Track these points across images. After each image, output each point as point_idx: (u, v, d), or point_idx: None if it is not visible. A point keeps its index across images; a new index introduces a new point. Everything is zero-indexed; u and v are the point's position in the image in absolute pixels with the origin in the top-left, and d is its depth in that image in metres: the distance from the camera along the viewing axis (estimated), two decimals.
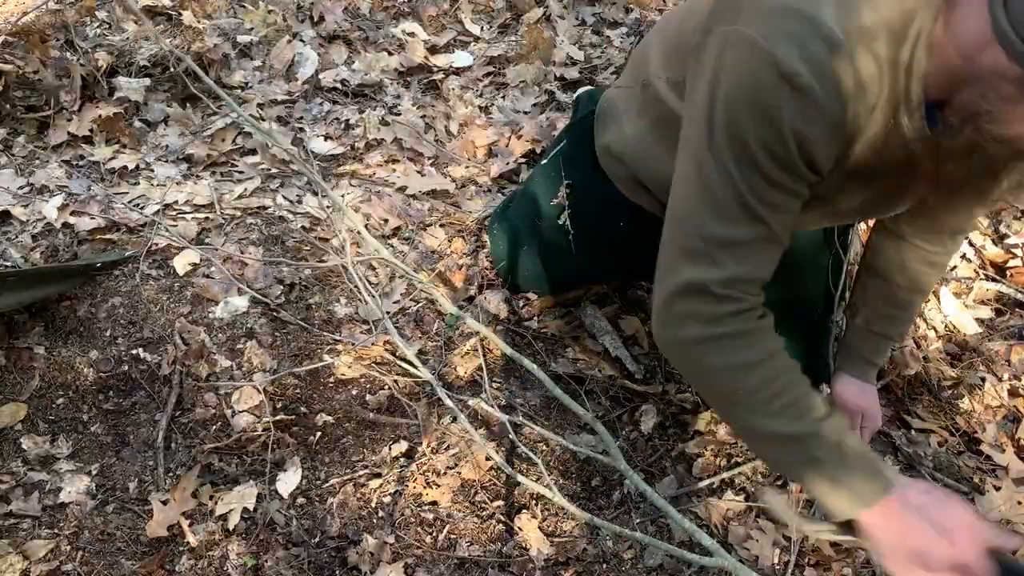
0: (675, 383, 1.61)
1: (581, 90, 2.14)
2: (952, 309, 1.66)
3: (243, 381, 1.56)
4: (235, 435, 1.47)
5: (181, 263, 1.75)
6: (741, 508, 1.39)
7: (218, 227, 1.87)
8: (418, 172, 2.07)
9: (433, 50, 2.60)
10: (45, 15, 2.33)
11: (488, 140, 2.19)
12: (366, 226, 1.90)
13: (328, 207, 1.79)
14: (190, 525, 1.35)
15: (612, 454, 1.23)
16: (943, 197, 1.06)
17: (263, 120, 2.16)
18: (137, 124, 2.18)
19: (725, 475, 1.42)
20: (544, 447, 1.50)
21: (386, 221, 1.92)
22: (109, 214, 1.88)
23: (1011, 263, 1.78)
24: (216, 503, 1.38)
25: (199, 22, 2.44)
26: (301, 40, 2.54)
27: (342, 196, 1.99)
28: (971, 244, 1.84)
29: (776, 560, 1.30)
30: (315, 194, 1.87)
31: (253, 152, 2.12)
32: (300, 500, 1.41)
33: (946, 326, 1.65)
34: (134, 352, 1.58)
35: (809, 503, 1.38)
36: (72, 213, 1.85)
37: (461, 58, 2.57)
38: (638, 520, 1.40)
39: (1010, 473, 1.42)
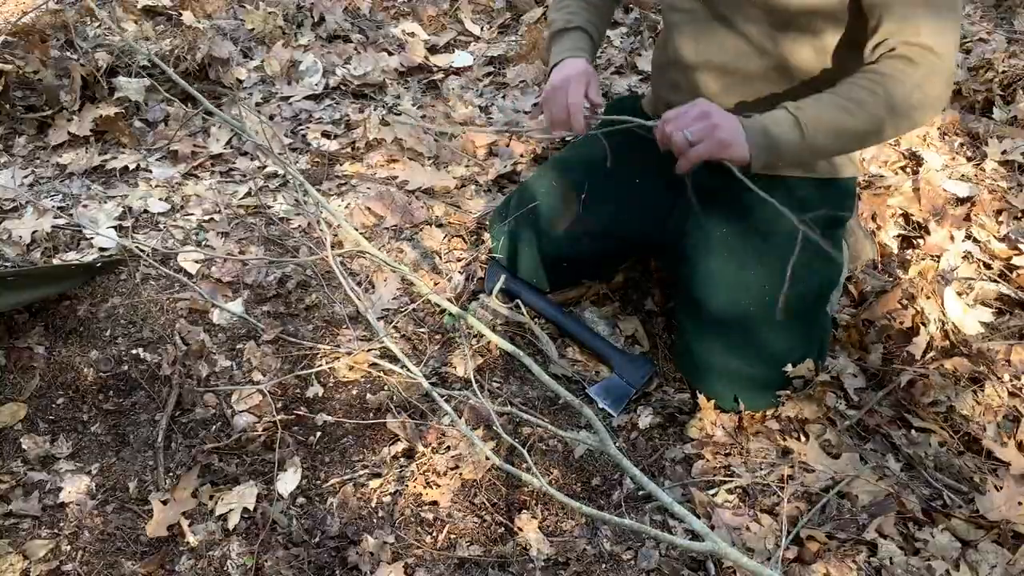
0: (674, 383, 1.61)
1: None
2: (955, 309, 1.67)
3: (243, 381, 1.56)
4: (235, 435, 1.47)
5: (182, 263, 1.75)
6: (736, 503, 1.40)
7: (218, 227, 1.87)
8: (419, 171, 2.07)
9: (433, 50, 2.60)
10: (45, 15, 2.33)
11: (488, 140, 2.19)
12: (366, 229, 1.90)
13: (306, 201, 1.79)
14: (190, 525, 1.35)
15: (601, 436, 1.23)
16: None
17: (258, 118, 2.16)
18: (137, 124, 2.19)
19: (725, 487, 1.42)
20: (544, 446, 1.50)
21: (383, 219, 1.93)
22: (109, 214, 1.88)
23: (1015, 259, 1.78)
24: (216, 503, 1.38)
25: (199, 22, 2.44)
26: (301, 42, 2.55)
27: (342, 196, 1.99)
28: (975, 240, 1.84)
29: (770, 549, 1.31)
30: (306, 193, 1.87)
31: (247, 154, 2.12)
32: (300, 500, 1.40)
33: (947, 326, 1.65)
34: (134, 352, 1.58)
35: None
36: (71, 213, 1.85)
37: (461, 58, 2.57)
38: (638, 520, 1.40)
39: (1011, 472, 1.42)
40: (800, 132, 1.21)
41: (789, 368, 1.47)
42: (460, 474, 1.43)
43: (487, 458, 1.42)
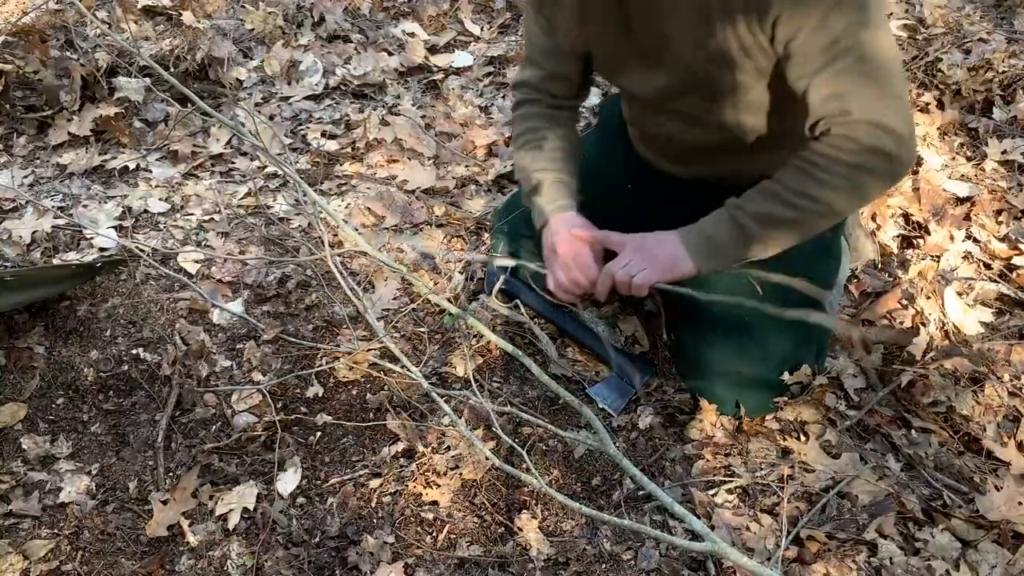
0: (674, 383, 1.61)
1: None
2: (955, 309, 1.67)
3: (243, 381, 1.56)
4: (235, 435, 1.47)
5: (182, 263, 1.75)
6: (736, 503, 1.40)
7: (218, 227, 1.87)
8: (419, 171, 2.07)
9: (433, 50, 2.60)
10: (45, 15, 2.33)
11: (488, 140, 2.19)
12: (366, 229, 1.90)
13: (306, 201, 1.79)
14: (190, 525, 1.35)
15: (601, 436, 1.23)
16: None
17: (253, 118, 2.16)
18: (137, 124, 2.19)
19: (725, 487, 1.42)
20: (544, 446, 1.50)
21: (383, 218, 1.92)
22: (109, 214, 1.88)
23: (1015, 259, 1.78)
24: (216, 503, 1.38)
25: (199, 22, 2.44)
26: (301, 42, 2.54)
27: (342, 196, 1.99)
28: (975, 240, 1.84)
29: (770, 549, 1.31)
30: (303, 194, 1.87)
31: (247, 154, 2.12)
32: (300, 500, 1.40)
33: (947, 326, 1.65)
34: (134, 352, 1.58)
35: None
36: (71, 213, 1.85)
37: (461, 58, 2.57)
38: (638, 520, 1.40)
39: (1011, 472, 1.42)
40: (738, 230, 1.20)
41: (787, 376, 1.46)
42: (460, 474, 1.43)
43: (487, 459, 1.42)
